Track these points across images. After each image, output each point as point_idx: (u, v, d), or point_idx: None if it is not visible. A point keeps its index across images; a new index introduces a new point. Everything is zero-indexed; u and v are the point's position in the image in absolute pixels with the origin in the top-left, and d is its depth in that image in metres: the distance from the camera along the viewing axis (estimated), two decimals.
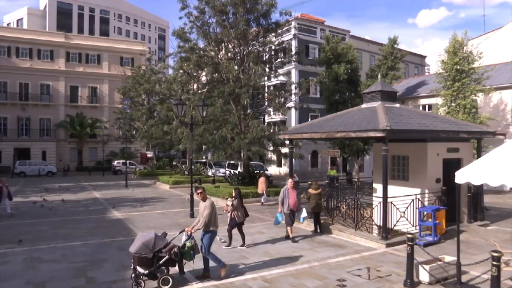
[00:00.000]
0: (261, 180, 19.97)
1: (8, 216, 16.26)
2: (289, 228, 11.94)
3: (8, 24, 75.14)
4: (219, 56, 22.94)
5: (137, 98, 40.74)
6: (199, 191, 8.75)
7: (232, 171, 29.78)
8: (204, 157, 32.23)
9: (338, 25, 57.88)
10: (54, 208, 18.31)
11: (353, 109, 14.95)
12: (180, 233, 8.57)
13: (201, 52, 23.04)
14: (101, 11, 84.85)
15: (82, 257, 10.17)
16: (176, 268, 8.24)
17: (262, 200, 19.36)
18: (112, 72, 50.71)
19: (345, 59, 28.95)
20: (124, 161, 42.36)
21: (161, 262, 7.78)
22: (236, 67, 22.16)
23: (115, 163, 45.18)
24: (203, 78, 25.71)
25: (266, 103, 25.31)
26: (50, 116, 48.52)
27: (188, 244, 8.17)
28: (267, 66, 24.39)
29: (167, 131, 29.30)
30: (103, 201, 21.13)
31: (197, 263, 8.58)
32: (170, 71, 39.54)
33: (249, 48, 22.67)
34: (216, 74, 22.68)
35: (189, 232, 8.26)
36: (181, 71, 25.43)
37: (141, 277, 7.65)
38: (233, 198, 11.35)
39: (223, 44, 22.99)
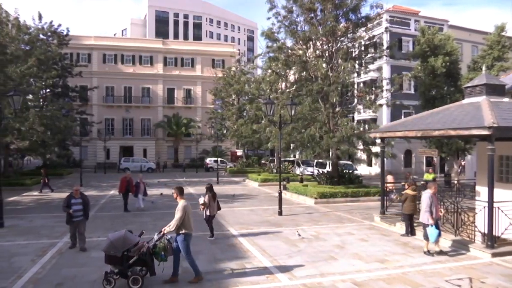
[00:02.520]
0: (389, 178, 17.57)
1: (137, 210, 17.13)
2: (429, 242, 10.33)
3: (114, 34, 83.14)
4: (307, 54, 22.79)
5: (228, 98, 42.20)
6: (173, 191, 8.57)
7: (320, 170, 29.42)
8: (292, 155, 32.33)
9: (435, 15, 53.64)
10: (154, 202, 19.79)
11: (452, 104, 13.80)
12: (157, 235, 8.21)
13: (289, 51, 23.09)
14: (194, 17, 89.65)
15: None
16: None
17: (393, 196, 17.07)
18: (205, 74, 53.36)
19: (442, 51, 26.90)
20: (215, 158, 44.34)
21: (130, 261, 7.72)
22: (324, 65, 21.82)
23: (207, 160, 47.53)
24: (291, 77, 25.75)
25: (356, 101, 24.52)
26: (150, 117, 52.74)
27: (159, 244, 7.96)
28: (357, 62, 23.60)
29: (256, 130, 29.83)
30: (197, 196, 22.28)
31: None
32: (259, 71, 40.31)
33: (338, 45, 22.17)
34: (304, 72, 22.57)
35: (162, 233, 8.09)
36: (269, 70, 25.75)
37: (112, 275, 7.72)
38: (205, 194, 12.26)
39: (311, 42, 22.79)
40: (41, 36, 33.58)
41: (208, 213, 12.21)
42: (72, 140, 36.91)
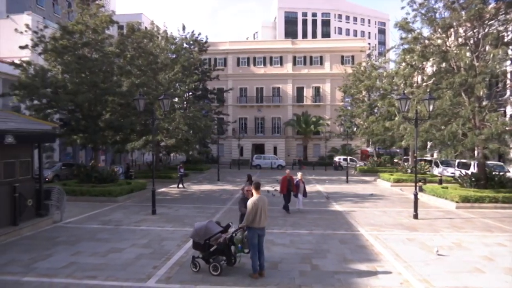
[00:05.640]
0: None
1: (296, 211, 16.32)
2: None
3: (247, 38, 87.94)
4: (447, 43, 20.67)
5: (358, 95, 41.01)
6: (246, 188, 8.80)
7: (463, 171, 26.47)
8: (429, 154, 29.86)
9: None
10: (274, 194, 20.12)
11: None
12: (234, 227, 8.74)
13: (426, 41, 21.26)
14: (322, 14, 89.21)
15: (307, 245, 10.95)
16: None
17: None
18: (334, 71, 52.73)
19: None
20: (345, 157, 43.55)
21: (210, 250, 8.35)
22: (468, 54, 19.50)
23: (336, 158, 46.94)
24: (428, 70, 23.73)
25: (509, 93, 21.36)
26: (280, 116, 54.40)
27: (237, 236, 8.36)
28: (510, 48, 20.52)
29: (388, 127, 28.42)
30: (325, 194, 22.18)
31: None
32: (392, 65, 38.18)
33: (486, 30, 19.58)
34: (444, 63, 20.51)
35: (238, 226, 8.50)
36: (403, 63, 24.13)
37: (198, 260, 8.50)
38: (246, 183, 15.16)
39: (451, 29, 20.62)
40: (185, 45, 37.51)
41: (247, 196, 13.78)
42: (210, 138, 40.41)
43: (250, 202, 8.22)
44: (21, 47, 20.07)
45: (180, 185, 25.49)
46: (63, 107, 20.20)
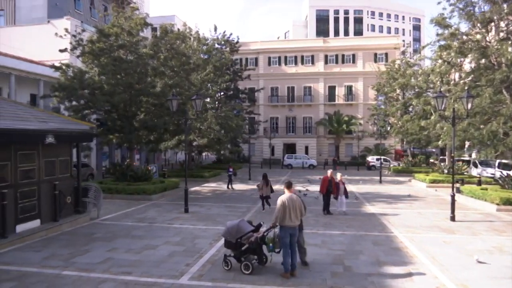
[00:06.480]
0: None
1: (341, 214, 15.80)
2: None
3: (278, 38, 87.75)
4: (487, 38, 19.86)
5: (392, 93, 40.09)
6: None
7: (504, 172, 25.35)
8: (467, 154, 28.81)
9: None
10: (318, 199, 20.06)
11: None
12: (265, 226, 8.71)
13: (464, 36, 20.51)
14: (355, 11, 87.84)
15: (339, 245, 10.81)
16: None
17: None
18: (366, 70, 51.73)
19: None
20: (378, 157, 42.67)
21: (242, 248, 8.37)
22: (510, 49, 18.66)
23: (369, 158, 46.04)
24: (467, 66, 22.88)
25: None
26: (311, 115, 53.94)
27: (268, 236, 8.41)
28: None
29: (423, 127, 27.65)
30: (358, 195, 21.81)
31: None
32: (427, 62, 37.15)
33: None
34: (484, 59, 19.71)
35: (270, 226, 8.41)
36: (439, 60, 23.42)
37: (230, 258, 8.56)
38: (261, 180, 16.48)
39: (492, 24, 19.78)
40: (216, 45, 37.90)
41: (260, 193, 16.60)
42: (242, 137, 40.63)
43: (278, 201, 8.24)
44: (61, 51, 20.91)
45: (230, 186, 24.77)
46: (99, 108, 20.87)
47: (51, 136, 11.37)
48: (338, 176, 16.44)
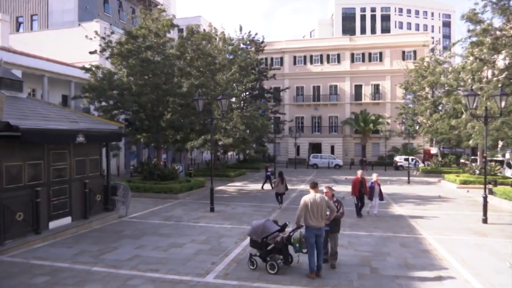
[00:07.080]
0: None
1: (373, 217, 15.25)
2: None
3: (303, 37, 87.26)
4: None
5: (420, 91, 39.12)
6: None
7: None
8: (500, 154, 27.82)
9: None
10: (344, 199, 19.83)
11: None
12: (291, 226, 8.66)
13: (498, 32, 19.80)
14: (382, 9, 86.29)
15: (366, 247, 10.64)
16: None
17: None
18: (394, 68, 50.68)
19: None
20: (406, 157, 41.77)
21: (268, 248, 8.37)
22: None
23: (397, 158, 45.14)
24: (500, 63, 22.07)
25: None
26: (337, 114, 53.33)
27: (294, 236, 8.28)
28: None
29: (454, 126, 26.93)
30: (385, 196, 21.37)
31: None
32: (458, 60, 36.00)
33: None
34: None
35: (296, 226, 8.31)
36: (471, 57, 22.69)
37: (255, 257, 8.59)
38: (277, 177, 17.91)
39: None
40: (242, 45, 38.03)
41: (276, 190, 17.84)
42: (267, 137, 40.64)
43: (301, 200, 8.24)
44: (91, 52, 21.52)
45: (268, 185, 24.36)
46: (128, 108, 21.33)
47: (81, 136, 11.69)
48: (374, 176, 15.48)
